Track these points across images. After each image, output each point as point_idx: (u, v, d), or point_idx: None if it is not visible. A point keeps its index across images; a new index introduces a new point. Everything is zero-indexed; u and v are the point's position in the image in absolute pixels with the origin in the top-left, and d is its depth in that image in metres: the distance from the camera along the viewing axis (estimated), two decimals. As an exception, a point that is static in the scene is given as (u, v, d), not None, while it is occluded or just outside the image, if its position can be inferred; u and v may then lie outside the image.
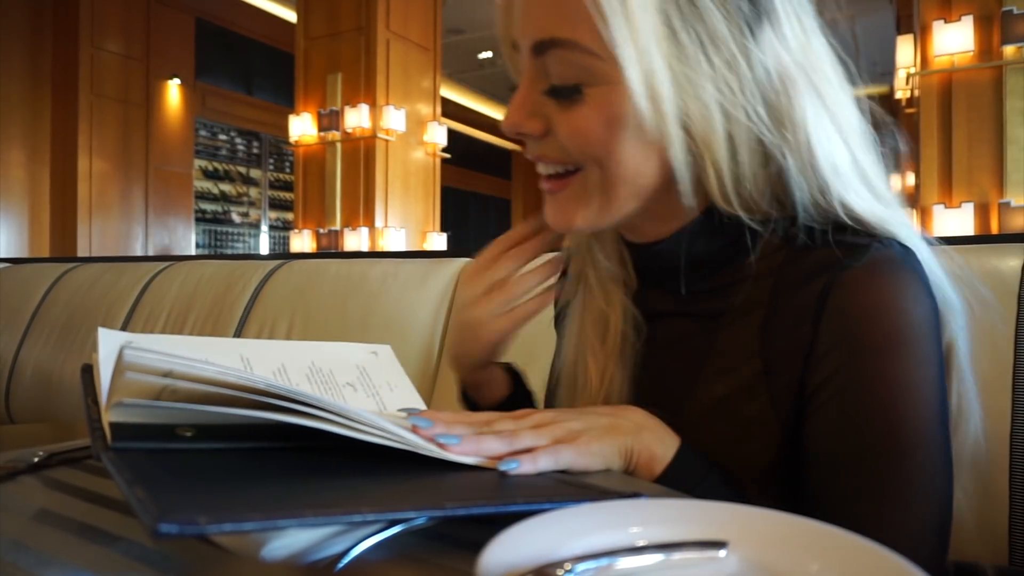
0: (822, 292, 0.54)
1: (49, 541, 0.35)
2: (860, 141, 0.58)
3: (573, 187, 0.59)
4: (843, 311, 0.53)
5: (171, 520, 0.28)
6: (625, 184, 0.57)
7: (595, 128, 0.55)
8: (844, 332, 0.53)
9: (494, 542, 0.30)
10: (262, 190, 8.77)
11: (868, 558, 0.31)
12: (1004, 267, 0.84)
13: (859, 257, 0.54)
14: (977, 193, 3.98)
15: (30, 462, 0.48)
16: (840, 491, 0.53)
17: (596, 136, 0.55)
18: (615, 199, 0.58)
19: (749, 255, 0.59)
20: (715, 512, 0.36)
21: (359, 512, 0.32)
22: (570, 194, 0.59)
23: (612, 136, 0.55)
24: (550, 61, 0.55)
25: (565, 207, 0.60)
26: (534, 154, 0.60)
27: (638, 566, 0.31)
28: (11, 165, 6.43)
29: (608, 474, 0.49)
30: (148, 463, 0.38)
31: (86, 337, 1.75)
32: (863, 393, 0.53)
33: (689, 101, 0.53)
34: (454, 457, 0.45)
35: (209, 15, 7.69)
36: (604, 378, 0.65)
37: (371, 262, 1.49)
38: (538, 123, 0.58)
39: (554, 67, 0.55)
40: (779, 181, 0.57)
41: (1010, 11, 3.87)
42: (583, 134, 0.55)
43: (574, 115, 0.56)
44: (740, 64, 0.54)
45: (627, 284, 0.67)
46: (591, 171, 0.57)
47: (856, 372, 0.53)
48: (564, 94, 0.55)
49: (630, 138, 0.55)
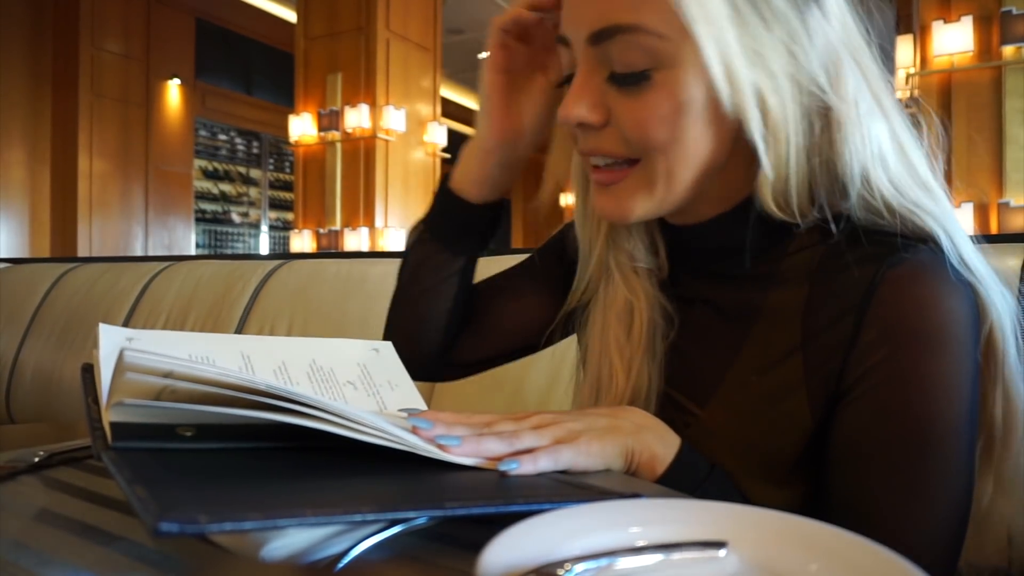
0: (869, 286, 0.54)
1: (49, 541, 0.35)
2: (902, 123, 0.58)
3: (633, 177, 0.57)
4: (890, 305, 0.53)
5: (172, 519, 0.28)
6: (688, 169, 0.56)
7: (664, 114, 0.54)
8: (889, 326, 0.53)
9: (494, 542, 0.30)
10: (262, 190, 8.77)
11: (868, 558, 0.31)
12: (1004, 267, 0.84)
13: (904, 257, 0.54)
14: (977, 193, 3.98)
15: (30, 462, 0.48)
16: (865, 482, 0.53)
17: (664, 122, 0.54)
18: (676, 186, 0.57)
19: (790, 243, 0.59)
20: (715, 512, 0.36)
21: (359, 512, 0.32)
22: (629, 184, 0.58)
23: (680, 120, 0.54)
24: (613, 49, 0.54)
25: (623, 198, 0.58)
26: (590, 146, 0.58)
27: (638, 566, 0.31)
28: (11, 165, 6.43)
29: (608, 474, 0.49)
30: (149, 462, 0.38)
31: (86, 337, 1.75)
32: (900, 386, 0.53)
33: (761, 77, 0.53)
34: (454, 458, 0.45)
35: (209, 15, 7.69)
36: (631, 373, 0.64)
37: (371, 262, 1.49)
38: (600, 113, 0.56)
39: (618, 55, 0.54)
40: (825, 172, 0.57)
41: (1009, 11, 3.87)
42: (651, 121, 0.54)
43: (641, 102, 0.54)
44: (801, 38, 0.54)
45: (654, 273, 0.66)
46: (655, 159, 0.56)
47: (896, 365, 0.53)
48: (630, 81, 0.54)
49: (697, 121, 0.54)
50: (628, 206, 0.58)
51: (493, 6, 7.20)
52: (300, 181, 6.22)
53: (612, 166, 0.58)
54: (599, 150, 0.58)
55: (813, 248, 0.58)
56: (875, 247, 0.55)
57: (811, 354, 0.56)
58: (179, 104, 7.51)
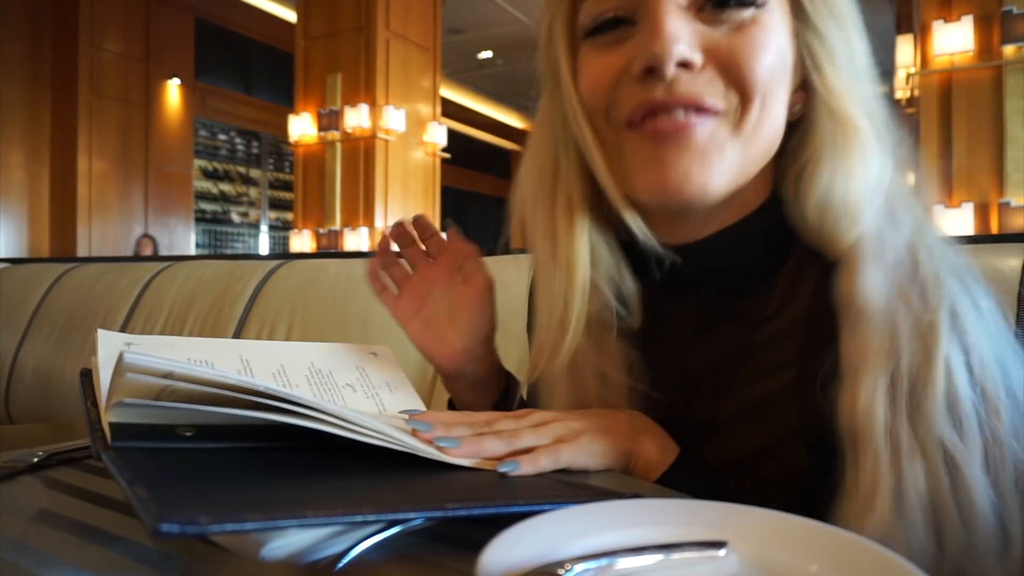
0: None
1: (49, 541, 0.35)
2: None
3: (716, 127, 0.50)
4: None
5: (172, 519, 0.28)
6: (772, 130, 0.52)
7: (771, 55, 0.50)
8: None
9: (494, 542, 0.30)
10: (262, 190, 8.77)
11: (868, 558, 0.31)
12: (1004, 267, 0.84)
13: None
14: (977, 193, 3.98)
15: (30, 462, 0.48)
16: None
17: (770, 64, 0.50)
18: (758, 148, 0.52)
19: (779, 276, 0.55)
20: (715, 512, 0.36)
21: (360, 512, 0.32)
22: (710, 136, 0.50)
23: (781, 68, 0.51)
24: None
25: (704, 157, 0.50)
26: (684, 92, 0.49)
27: (638, 566, 0.31)
28: (11, 165, 6.43)
29: (608, 474, 0.49)
30: (149, 462, 0.38)
31: (86, 337, 1.75)
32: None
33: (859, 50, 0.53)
34: (454, 460, 0.45)
35: (209, 15, 7.69)
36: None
37: (371, 262, 1.48)
38: (700, 54, 0.50)
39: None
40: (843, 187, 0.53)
41: (1010, 11, 3.87)
42: (760, 57, 0.49)
43: (744, 38, 0.50)
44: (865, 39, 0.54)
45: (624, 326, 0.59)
46: (752, 104, 0.50)
47: None
48: (733, 15, 0.50)
49: (786, 79, 0.52)
50: (712, 164, 0.50)
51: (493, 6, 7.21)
52: (300, 181, 6.22)
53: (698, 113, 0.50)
54: (694, 97, 0.49)
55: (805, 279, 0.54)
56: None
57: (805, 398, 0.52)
58: (179, 104, 7.51)
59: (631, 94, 0.51)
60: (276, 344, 0.63)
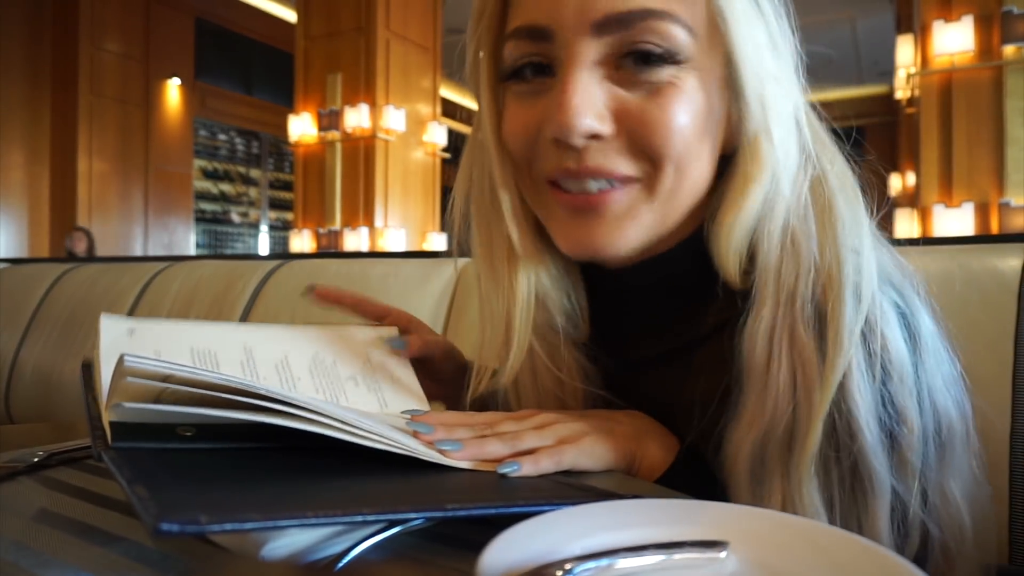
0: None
1: (49, 541, 0.35)
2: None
3: (635, 194, 0.50)
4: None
5: (172, 519, 0.28)
6: (692, 188, 0.51)
7: (682, 120, 0.47)
8: None
9: (494, 542, 0.30)
10: (262, 190, 8.77)
11: (867, 559, 0.31)
12: (1004, 267, 0.84)
13: None
14: (977, 193, 3.98)
15: (30, 462, 0.48)
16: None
17: (682, 129, 0.48)
18: (676, 208, 0.51)
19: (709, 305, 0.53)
20: (715, 512, 0.36)
21: (360, 513, 0.32)
22: (631, 203, 0.50)
23: (696, 129, 0.48)
24: (630, 37, 0.47)
25: (622, 222, 0.50)
26: (595, 163, 0.48)
27: (638, 566, 0.31)
28: (11, 166, 6.43)
29: (610, 475, 0.49)
30: (149, 462, 0.38)
31: (86, 337, 1.75)
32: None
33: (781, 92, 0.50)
34: (455, 463, 0.45)
35: (209, 15, 7.68)
36: None
37: (371, 262, 1.48)
38: (609, 121, 0.48)
39: (635, 44, 0.47)
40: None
41: (1010, 11, 3.87)
42: (670, 125, 0.47)
43: (656, 104, 0.47)
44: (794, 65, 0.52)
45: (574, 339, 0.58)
46: (664, 172, 0.49)
47: None
48: (646, 78, 0.47)
49: (708, 134, 0.50)
50: (626, 230, 0.50)
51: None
52: (300, 181, 6.22)
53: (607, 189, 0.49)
54: (603, 169, 0.48)
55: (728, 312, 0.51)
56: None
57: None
58: (179, 104, 7.51)
59: (548, 155, 0.50)
60: (282, 329, 0.61)
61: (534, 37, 0.49)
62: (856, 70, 8.64)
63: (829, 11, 6.83)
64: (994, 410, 0.79)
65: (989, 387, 0.80)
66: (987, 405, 0.79)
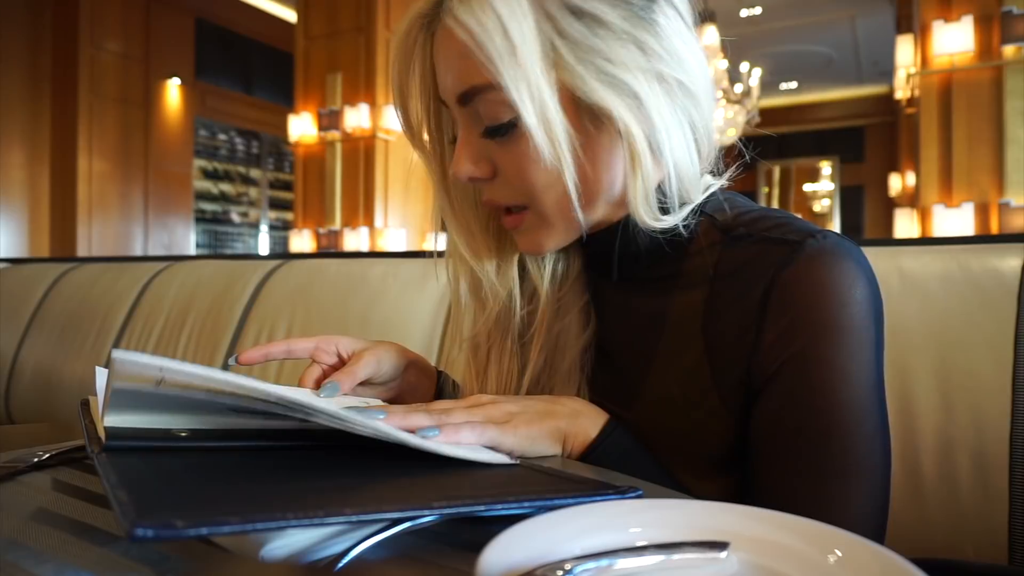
0: (763, 295, 0.56)
1: (49, 541, 0.35)
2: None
3: (531, 219, 0.62)
4: (784, 310, 0.56)
5: (147, 524, 0.27)
6: (590, 195, 0.59)
7: (534, 164, 0.57)
8: (786, 327, 0.56)
9: (494, 542, 0.30)
10: (262, 190, 8.76)
11: (869, 558, 0.31)
12: (1004, 267, 0.84)
13: (794, 255, 0.56)
14: (977, 193, 3.98)
15: (30, 462, 0.48)
16: (780, 470, 0.56)
17: (539, 169, 0.57)
18: (574, 217, 0.59)
19: (688, 245, 0.62)
20: (716, 512, 0.36)
21: (342, 514, 0.32)
22: (531, 225, 0.62)
23: (552, 164, 0.56)
24: (480, 106, 0.58)
25: (533, 237, 0.63)
26: (488, 198, 0.63)
27: (638, 567, 0.31)
28: (11, 165, 6.43)
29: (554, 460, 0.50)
30: (139, 466, 0.38)
31: (86, 337, 1.75)
32: (804, 378, 0.55)
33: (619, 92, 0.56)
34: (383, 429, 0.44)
35: (209, 15, 7.68)
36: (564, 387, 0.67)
37: (371, 262, 1.49)
38: (486, 166, 0.61)
39: (484, 111, 0.58)
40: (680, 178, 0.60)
41: (1010, 11, 3.87)
42: (528, 168, 0.58)
43: (515, 152, 0.58)
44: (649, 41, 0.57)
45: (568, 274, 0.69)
46: (542, 201, 0.59)
47: (798, 359, 0.55)
48: (500, 133, 0.58)
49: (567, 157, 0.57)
50: (540, 242, 0.63)
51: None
52: (300, 181, 6.22)
53: (516, 211, 0.62)
54: (495, 201, 0.62)
55: (711, 249, 0.61)
56: (763, 249, 0.58)
57: (717, 358, 0.59)
58: (179, 104, 7.51)
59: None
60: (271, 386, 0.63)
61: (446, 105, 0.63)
62: (856, 70, 8.64)
63: (829, 11, 6.83)
64: (994, 410, 0.79)
65: (989, 387, 0.80)
66: (987, 405, 0.79)
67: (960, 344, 0.82)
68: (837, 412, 0.54)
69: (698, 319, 0.60)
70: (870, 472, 0.55)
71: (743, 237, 0.60)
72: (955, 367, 0.81)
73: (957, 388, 0.81)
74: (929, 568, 0.30)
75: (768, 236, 0.58)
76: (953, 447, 0.80)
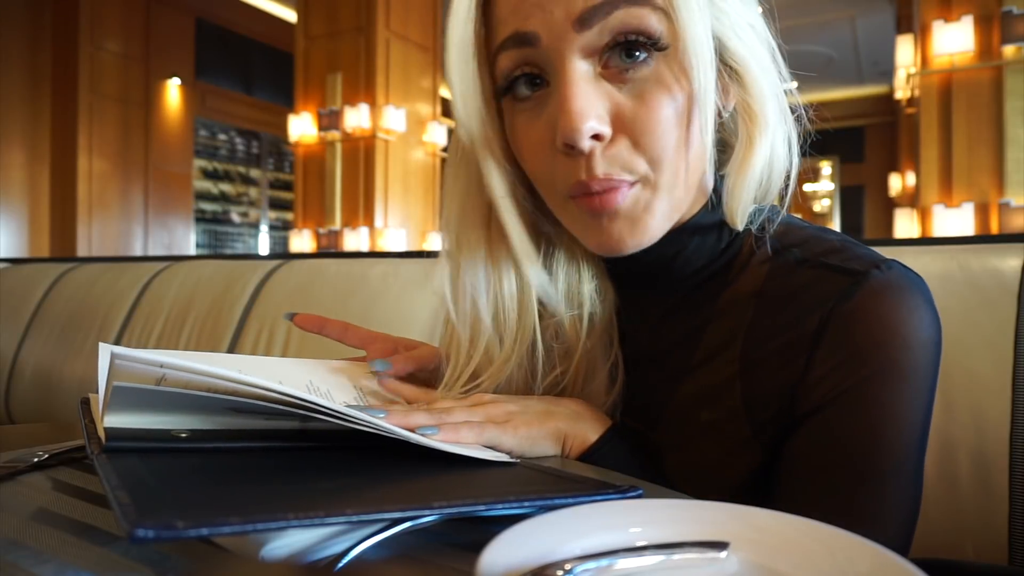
0: (819, 326, 0.51)
1: (49, 541, 0.35)
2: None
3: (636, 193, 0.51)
4: (841, 344, 0.51)
5: (148, 524, 0.27)
6: (695, 169, 0.53)
7: (670, 112, 0.49)
8: (841, 363, 0.51)
9: (494, 542, 0.30)
10: (262, 190, 8.76)
11: (869, 558, 0.31)
12: (1004, 267, 0.84)
13: (857, 287, 0.51)
14: (977, 193, 3.98)
15: (30, 462, 0.48)
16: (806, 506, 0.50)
17: (674, 122, 0.49)
18: (685, 195, 0.53)
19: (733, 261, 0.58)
20: (716, 512, 0.36)
21: (343, 514, 0.32)
22: (637, 203, 0.51)
23: (684, 119, 0.50)
24: (610, 27, 0.47)
25: (641, 217, 0.52)
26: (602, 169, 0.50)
27: (638, 567, 0.31)
28: (11, 165, 6.43)
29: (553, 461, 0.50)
30: (139, 467, 0.38)
31: (86, 337, 1.75)
32: (852, 417, 0.51)
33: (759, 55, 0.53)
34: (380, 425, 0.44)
35: (209, 15, 7.68)
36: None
37: (371, 262, 1.49)
38: (609, 121, 0.49)
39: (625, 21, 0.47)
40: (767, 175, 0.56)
41: (1010, 11, 3.87)
42: (663, 126, 0.49)
43: (645, 90, 0.49)
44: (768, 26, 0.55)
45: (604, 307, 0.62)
46: (661, 171, 0.50)
47: (849, 397, 0.51)
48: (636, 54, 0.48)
49: (697, 116, 0.50)
50: (643, 229, 0.52)
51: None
52: (300, 181, 6.22)
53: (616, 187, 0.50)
54: (611, 179, 0.50)
55: (759, 267, 0.56)
56: (822, 277, 0.53)
57: (753, 384, 0.54)
58: (179, 104, 7.51)
59: (564, 170, 0.52)
60: (276, 360, 0.62)
61: (522, 44, 0.50)
62: (856, 70, 8.64)
63: (829, 11, 6.83)
64: (994, 410, 0.79)
65: (989, 387, 0.80)
66: (987, 405, 0.79)
67: (960, 344, 0.82)
68: (878, 455, 0.50)
69: (736, 343, 0.55)
70: (899, 520, 0.51)
71: (798, 260, 0.54)
72: (955, 367, 0.81)
73: (957, 388, 0.81)
74: (929, 568, 0.30)
75: (827, 263, 0.53)
76: (953, 447, 0.80)
